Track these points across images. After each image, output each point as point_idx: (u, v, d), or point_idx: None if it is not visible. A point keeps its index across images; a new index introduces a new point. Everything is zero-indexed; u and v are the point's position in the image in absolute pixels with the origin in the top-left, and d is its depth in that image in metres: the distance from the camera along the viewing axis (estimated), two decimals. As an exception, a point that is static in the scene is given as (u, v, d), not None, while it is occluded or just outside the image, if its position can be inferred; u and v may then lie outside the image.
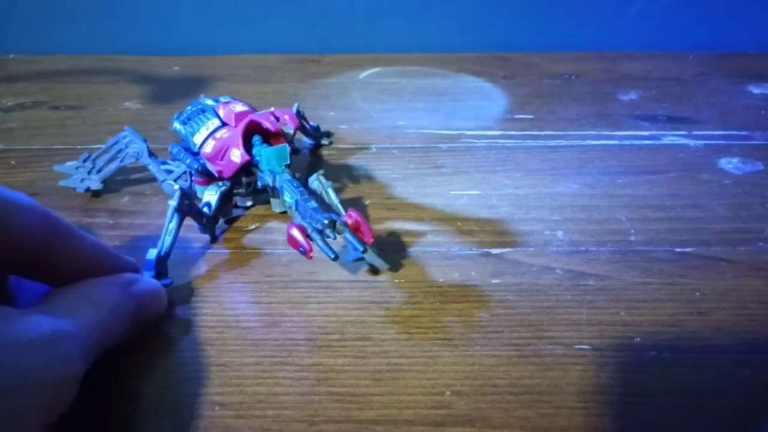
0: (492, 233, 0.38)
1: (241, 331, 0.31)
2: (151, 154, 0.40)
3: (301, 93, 0.57)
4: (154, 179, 0.41)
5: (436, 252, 0.36)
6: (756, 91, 0.56)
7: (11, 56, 0.66)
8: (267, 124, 0.37)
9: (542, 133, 0.49)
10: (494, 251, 0.36)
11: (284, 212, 0.39)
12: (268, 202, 0.40)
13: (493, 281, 0.34)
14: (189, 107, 0.41)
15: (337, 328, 0.31)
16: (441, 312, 0.32)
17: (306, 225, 0.32)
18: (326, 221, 0.31)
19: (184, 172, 0.39)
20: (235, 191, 0.38)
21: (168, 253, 0.33)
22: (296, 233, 0.31)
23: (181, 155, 0.39)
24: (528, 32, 0.68)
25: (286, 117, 0.41)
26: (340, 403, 0.27)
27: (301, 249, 0.31)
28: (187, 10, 0.66)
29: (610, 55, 0.64)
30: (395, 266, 0.35)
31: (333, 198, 0.36)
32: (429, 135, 0.49)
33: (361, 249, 0.31)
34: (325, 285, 0.34)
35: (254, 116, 0.38)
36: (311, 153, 0.47)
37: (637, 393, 0.27)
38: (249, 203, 0.40)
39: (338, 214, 0.34)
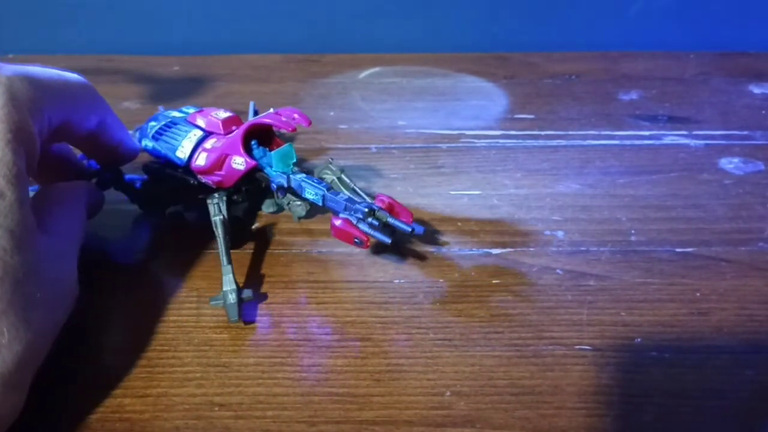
0: (492, 233, 0.38)
1: (240, 331, 0.31)
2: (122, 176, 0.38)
3: (300, 93, 0.57)
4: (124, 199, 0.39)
5: (436, 252, 0.36)
6: (757, 90, 0.56)
7: (10, 56, 0.65)
8: (278, 124, 0.36)
9: (543, 132, 0.49)
10: (494, 251, 0.36)
11: (276, 212, 0.38)
12: (259, 208, 0.39)
13: (493, 281, 0.34)
14: (153, 122, 0.39)
15: (337, 328, 0.31)
16: (441, 312, 0.32)
17: (349, 216, 0.31)
18: (366, 210, 0.31)
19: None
20: (232, 199, 0.37)
21: (232, 264, 0.32)
22: (346, 226, 0.31)
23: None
24: (528, 32, 0.67)
25: (296, 115, 0.39)
26: (340, 404, 0.27)
27: (356, 240, 0.31)
28: (187, 10, 0.66)
29: (610, 54, 0.64)
30: (395, 266, 0.35)
31: (349, 182, 0.35)
32: (429, 135, 0.49)
33: (409, 230, 0.31)
34: (325, 285, 0.34)
35: (259, 119, 0.36)
36: None
37: (638, 393, 0.27)
38: (272, 209, 0.39)
39: (360, 197, 0.34)
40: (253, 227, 0.38)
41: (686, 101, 0.54)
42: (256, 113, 0.43)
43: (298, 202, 0.36)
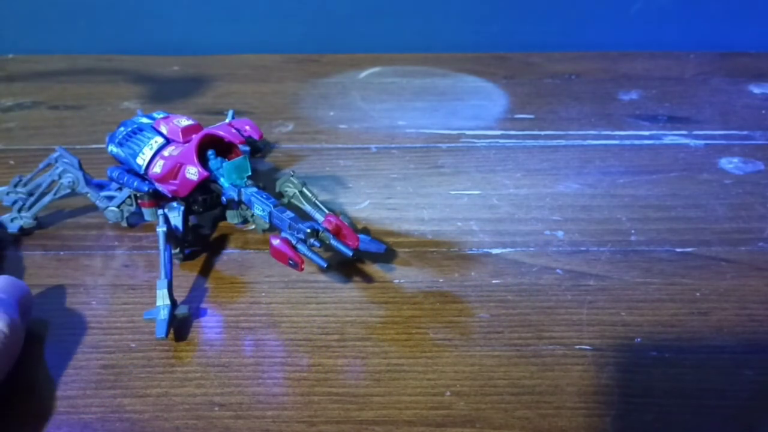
0: (492, 233, 0.38)
1: (241, 331, 0.31)
2: (88, 180, 0.38)
3: (300, 93, 0.57)
4: (92, 206, 0.39)
5: (436, 252, 0.36)
6: (757, 90, 0.56)
7: (10, 56, 0.65)
8: (228, 137, 0.35)
9: (542, 132, 0.49)
10: (494, 251, 0.36)
11: (242, 222, 0.38)
12: (223, 218, 0.38)
13: (493, 281, 0.34)
14: (122, 127, 0.39)
15: (337, 328, 0.31)
16: (441, 312, 0.32)
17: (288, 236, 0.31)
18: (308, 230, 0.30)
19: (128, 197, 0.37)
20: (191, 209, 0.36)
21: (172, 279, 0.32)
22: (282, 246, 0.30)
23: (125, 178, 0.37)
24: (528, 32, 0.67)
25: (248, 127, 0.38)
26: (340, 404, 0.27)
27: (290, 262, 0.30)
28: (186, 10, 0.66)
29: (610, 54, 0.64)
30: (396, 266, 0.35)
31: (311, 196, 0.35)
32: (429, 135, 0.49)
33: (350, 254, 0.30)
34: (325, 285, 0.34)
35: (211, 130, 0.36)
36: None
37: (638, 393, 0.27)
38: (236, 220, 0.38)
39: (321, 212, 0.34)
40: (252, 227, 0.38)
41: (686, 101, 0.54)
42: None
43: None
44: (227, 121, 0.40)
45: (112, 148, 0.38)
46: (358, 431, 0.26)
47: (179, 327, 0.31)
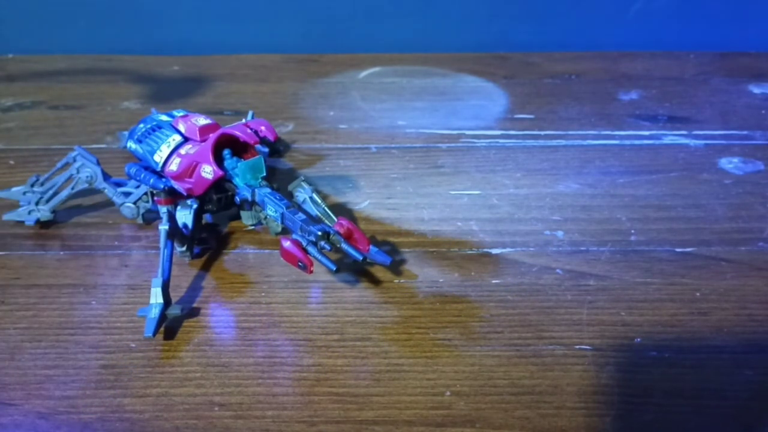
0: (492, 233, 0.38)
1: (240, 331, 0.31)
2: (105, 176, 0.38)
3: (300, 92, 0.57)
4: (108, 202, 0.39)
5: (436, 252, 0.36)
6: (757, 90, 0.56)
7: (10, 56, 0.65)
8: (243, 137, 0.35)
9: (542, 132, 0.49)
10: (494, 251, 0.36)
11: (256, 224, 0.38)
12: (238, 217, 0.38)
13: (493, 281, 0.34)
14: (141, 124, 0.39)
15: (337, 328, 0.31)
16: (441, 312, 0.32)
17: (299, 238, 0.31)
18: (319, 233, 0.31)
19: (145, 193, 0.37)
20: (205, 208, 0.36)
21: (169, 279, 0.32)
22: (293, 248, 0.30)
23: (142, 175, 0.37)
24: (528, 32, 0.67)
25: (263, 128, 0.39)
26: (340, 404, 0.27)
27: (300, 264, 0.30)
28: (186, 10, 0.66)
29: (610, 54, 0.64)
30: (395, 266, 0.35)
31: (320, 202, 0.35)
32: (429, 135, 0.49)
33: (360, 258, 0.31)
34: (325, 285, 0.34)
35: (227, 129, 0.36)
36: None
37: (638, 393, 0.27)
38: (251, 222, 0.38)
39: (330, 219, 0.34)
40: (252, 227, 0.38)
41: (686, 101, 0.54)
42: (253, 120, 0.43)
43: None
44: (244, 121, 0.40)
45: (131, 144, 0.39)
46: (358, 431, 0.26)
47: (172, 327, 0.31)
